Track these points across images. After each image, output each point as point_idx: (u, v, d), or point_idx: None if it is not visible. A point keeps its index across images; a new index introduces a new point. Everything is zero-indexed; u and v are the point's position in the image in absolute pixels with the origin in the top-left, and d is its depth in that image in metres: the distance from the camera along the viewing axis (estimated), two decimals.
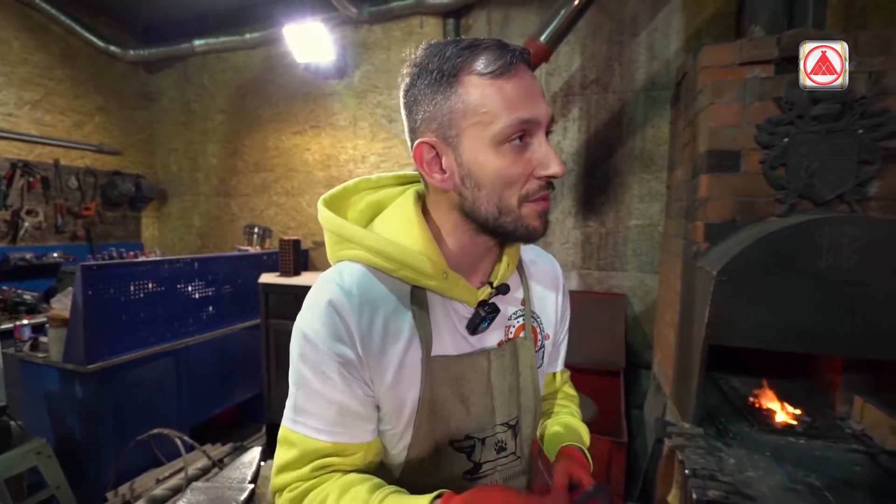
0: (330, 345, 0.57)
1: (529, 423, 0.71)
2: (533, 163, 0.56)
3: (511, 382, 0.68)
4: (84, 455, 2.12)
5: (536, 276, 0.76)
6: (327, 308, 0.57)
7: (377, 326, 0.59)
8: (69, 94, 3.56)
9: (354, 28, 3.30)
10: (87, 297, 2.05)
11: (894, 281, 1.25)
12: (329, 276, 0.61)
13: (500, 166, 0.55)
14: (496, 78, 0.54)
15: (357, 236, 0.61)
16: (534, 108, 0.54)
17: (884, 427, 1.42)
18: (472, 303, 0.64)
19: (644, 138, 2.67)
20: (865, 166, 1.43)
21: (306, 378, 0.58)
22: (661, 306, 2.43)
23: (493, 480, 0.67)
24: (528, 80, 0.55)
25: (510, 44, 0.56)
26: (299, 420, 0.59)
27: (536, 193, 0.57)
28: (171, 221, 4.30)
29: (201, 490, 1.16)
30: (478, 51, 0.54)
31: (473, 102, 0.54)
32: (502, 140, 0.54)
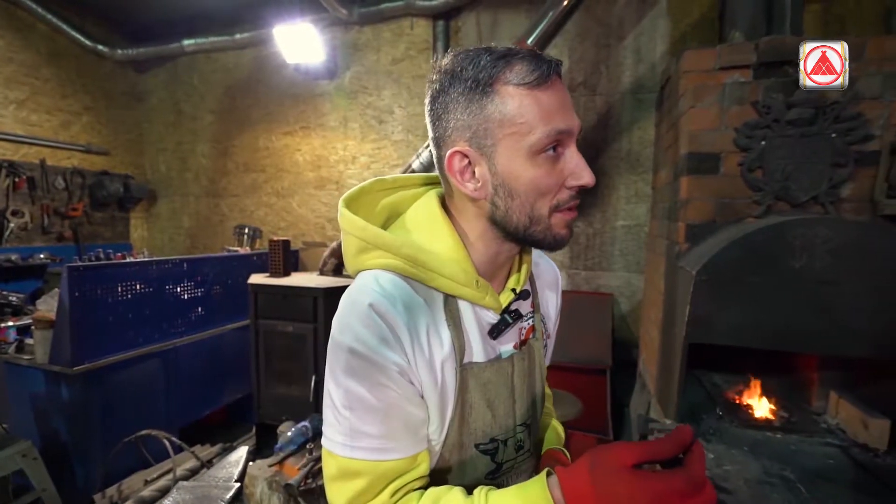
0: (381, 351, 0.53)
1: (538, 418, 0.74)
2: (565, 173, 0.56)
3: (529, 384, 0.70)
4: (71, 457, 2.11)
5: (541, 278, 0.77)
6: (370, 313, 0.54)
7: (423, 336, 0.56)
8: (56, 94, 3.53)
9: (344, 29, 3.31)
10: (74, 298, 2.04)
11: (864, 280, 1.29)
12: (365, 284, 0.57)
13: (535, 176, 0.55)
14: (533, 88, 0.53)
15: (392, 244, 0.58)
16: (569, 120, 0.55)
17: (856, 421, 1.46)
18: (498, 309, 0.64)
19: (631, 140, 2.72)
20: (838, 169, 1.47)
21: (359, 396, 0.53)
22: (647, 305, 2.47)
23: (510, 477, 0.68)
24: (562, 91, 0.56)
25: (545, 55, 0.55)
26: (359, 445, 0.54)
27: (567, 203, 0.57)
28: (161, 222, 4.27)
29: (187, 489, 1.17)
30: (514, 60, 0.54)
31: (511, 112, 0.53)
32: (538, 150, 0.54)
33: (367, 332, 0.53)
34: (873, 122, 1.44)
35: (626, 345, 2.75)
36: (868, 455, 1.38)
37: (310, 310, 2.47)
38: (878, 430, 1.39)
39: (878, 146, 1.44)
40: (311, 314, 2.47)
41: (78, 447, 2.12)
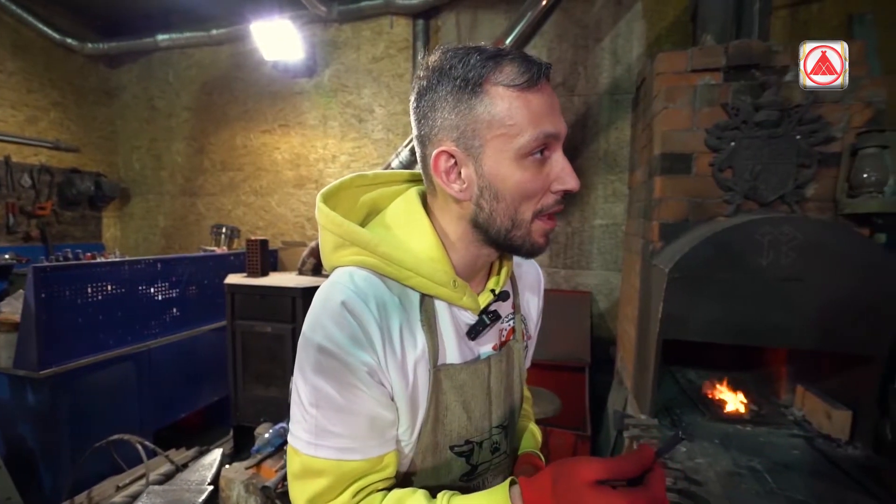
0: (351, 351, 0.52)
1: (516, 420, 0.73)
2: (551, 177, 0.55)
3: (507, 385, 0.69)
4: (38, 464, 2.04)
5: (523, 280, 0.77)
6: (342, 312, 0.53)
7: (395, 333, 0.56)
8: (21, 88, 3.40)
9: (324, 27, 3.27)
10: (40, 300, 1.97)
11: (827, 276, 1.34)
12: (338, 281, 0.57)
13: (521, 179, 0.54)
14: (523, 90, 0.52)
15: (368, 242, 0.57)
16: (557, 123, 0.54)
17: (821, 413, 1.52)
18: (476, 310, 0.63)
19: (608, 140, 2.76)
20: (803, 169, 1.53)
21: (327, 394, 0.53)
22: (624, 303, 2.51)
23: (485, 479, 0.68)
24: (551, 94, 0.55)
25: (534, 57, 0.54)
26: (324, 444, 0.54)
27: (551, 208, 0.57)
28: (135, 221, 4.16)
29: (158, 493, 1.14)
30: (504, 61, 0.53)
31: (500, 114, 0.53)
32: (526, 153, 0.53)
33: (338, 331, 0.53)
34: (834, 125, 1.50)
35: (605, 342, 2.79)
36: (831, 445, 1.43)
37: (288, 310, 2.44)
38: (840, 421, 1.45)
39: (839, 148, 1.49)
40: (289, 314, 2.44)
41: (45, 454, 2.05)
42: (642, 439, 1.48)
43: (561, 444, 2.22)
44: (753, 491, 1.22)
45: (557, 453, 2.24)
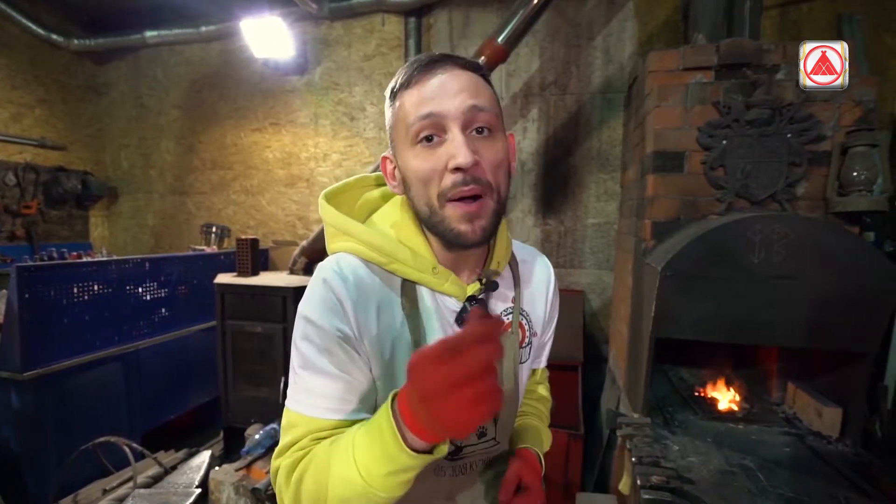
0: (329, 321, 0.58)
1: (510, 412, 0.74)
2: (445, 157, 0.57)
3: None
4: (22, 468, 2.00)
5: (528, 276, 0.78)
6: (323, 287, 0.60)
7: (371, 312, 0.61)
8: (5, 85, 3.33)
9: (315, 24, 3.24)
10: (24, 300, 1.93)
11: (817, 274, 1.35)
12: (325, 264, 0.64)
13: (415, 165, 0.59)
14: (414, 85, 0.58)
15: (354, 230, 0.64)
16: (441, 103, 0.56)
17: (811, 410, 1.53)
18: (462, 297, 0.66)
19: (600, 139, 2.76)
20: (794, 168, 1.53)
21: (309, 358, 0.59)
22: (616, 302, 2.52)
23: (471, 462, 0.70)
24: (448, 78, 0.57)
25: (440, 54, 0.60)
26: (302, 400, 0.59)
27: (452, 189, 0.57)
28: (123, 220, 4.10)
29: (144, 497, 1.12)
30: (406, 67, 0.60)
31: (400, 112, 0.60)
32: (415, 139, 0.58)
33: (319, 303, 0.60)
34: (825, 123, 1.50)
35: (597, 341, 2.80)
36: (822, 442, 1.44)
37: (279, 309, 2.42)
38: (831, 419, 1.46)
39: (829, 146, 1.50)
40: (280, 314, 2.42)
41: (29, 457, 2.01)
42: (634, 438, 1.48)
43: (554, 443, 2.21)
44: (745, 489, 1.22)
45: (551, 453, 2.23)
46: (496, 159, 0.59)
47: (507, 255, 0.73)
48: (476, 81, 0.59)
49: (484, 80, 0.61)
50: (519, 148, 2.90)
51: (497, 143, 0.60)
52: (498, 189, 0.60)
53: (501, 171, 0.60)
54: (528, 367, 0.79)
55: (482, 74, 0.61)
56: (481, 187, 0.57)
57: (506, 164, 0.61)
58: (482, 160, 0.57)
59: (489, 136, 0.59)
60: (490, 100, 0.60)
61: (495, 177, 0.59)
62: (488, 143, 0.58)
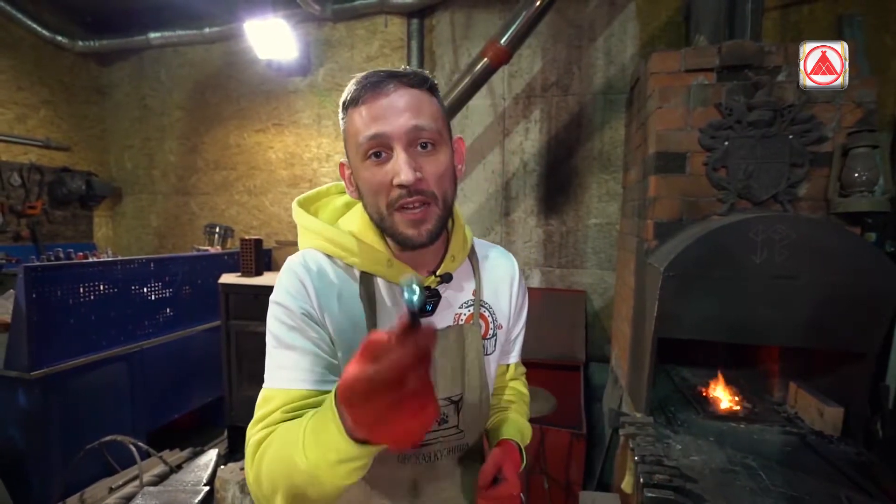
0: (296, 302, 0.65)
1: (475, 401, 0.76)
2: (391, 174, 0.62)
3: (455, 362, 0.74)
4: (28, 467, 2.01)
5: (490, 270, 0.82)
6: (290, 274, 0.68)
7: (332, 298, 0.67)
8: (10, 86, 3.35)
9: (318, 25, 3.26)
10: (31, 300, 1.95)
11: (818, 274, 1.36)
12: (293, 258, 0.71)
13: (366, 177, 0.64)
14: (361, 104, 0.63)
15: (318, 229, 0.72)
16: (384, 125, 0.61)
17: (813, 410, 1.53)
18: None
19: (602, 140, 2.77)
20: (796, 169, 1.54)
21: (279, 337, 0.65)
22: (618, 302, 2.53)
23: (435, 450, 0.73)
24: (393, 99, 0.62)
25: (388, 71, 0.64)
26: (276, 376, 0.64)
27: (398, 201, 0.62)
28: (127, 221, 4.12)
29: (153, 495, 1.13)
30: (352, 85, 0.65)
31: (350, 127, 0.65)
32: (364, 156, 0.63)
33: (285, 288, 0.67)
34: (826, 125, 1.51)
35: (599, 341, 2.81)
36: (823, 442, 1.45)
37: None
38: (833, 418, 1.46)
39: (830, 147, 1.51)
40: None
41: (36, 456, 2.02)
42: (637, 437, 1.49)
43: (557, 442, 2.23)
44: (748, 488, 1.23)
45: (554, 452, 2.25)
46: (438, 171, 0.64)
47: (465, 251, 0.78)
48: (420, 99, 0.63)
49: (430, 93, 0.66)
50: (521, 149, 2.92)
51: (440, 156, 0.65)
52: (443, 196, 0.65)
53: (445, 180, 0.66)
54: (495, 359, 0.81)
55: (429, 88, 0.66)
56: (425, 198, 0.63)
57: (449, 172, 0.67)
58: (425, 174, 0.63)
59: (432, 150, 0.64)
60: (433, 115, 0.64)
61: (439, 186, 0.64)
62: (431, 158, 0.64)
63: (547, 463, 2.21)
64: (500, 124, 2.95)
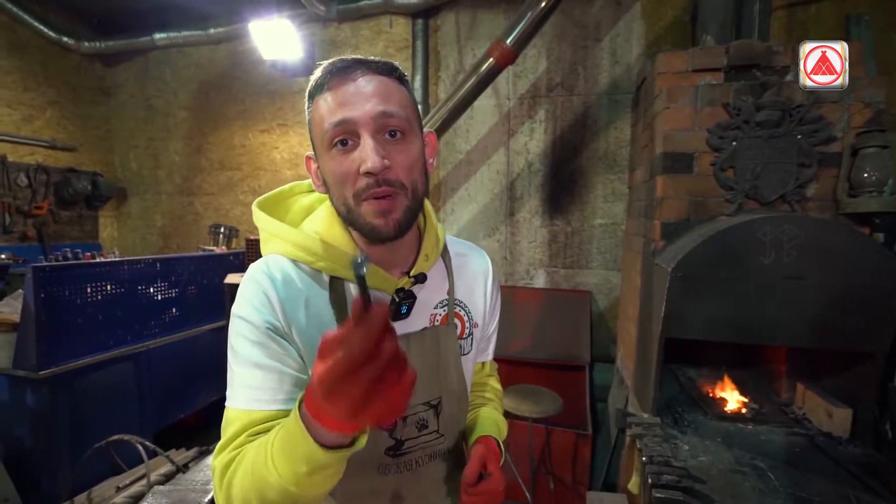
0: (259, 316, 0.61)
1: (454, 404, 0.74)
2: (358, 162, 0.59)
3: (432, 365, 0.72)
4: (37, 465, 2.03)
5: (464, 268, 0.80)
6: (253, 286, 0.63)
7: (299, 307, 0.63)
8: (17, 87, 3.38)
9: (322, 26, 3.27)
10: (39, 299, 1.96)
11: (827, 274, 1.35)
12: (255, 265, 0.67)
13: (332, 167, 0.61)
14: (326, 91, 0.60)
15: (282, 232, 0.67)
16: (350, 111, 0.58)
17: (821, 411, 1.53)
18: (389, 291, 0.67)
19: (607, 140, 2.77)
20: (804, 169, 1.54)
21: (242, 354, 0.61)
22: (624, 302, 2.52)
23: (416, 457, 0.71)
24: (360, 84, 0.59)
25: (355, 57, 0.61)
26: (238, 396, 0.60)
27: (366, 191, 0.59)
28: (132, 221, 4.14)
29: (163, 494, 1.14)
30: (322, 70, 0.61)
31: (315, 115, 0.61)
32: (329, 144, 0.60)
33: (249, 300, 0.62)
34: (835, 125, 1.51)
35: (604, 341, 2.80)
36: (832, 443, 1.44)
37: None
38: (841, 419, 1.46)
39: (839, 147, 1.50)
40: None
41: (44, 455, 2.04)
42: (645, 437, 1.49)
43: (562, 443, 2.23)
44: (756, 488, 1.23)
45: (559, 452, 2.25)
46: (408, 161, 0.61)
47: (438, 249, 0.74)
48: (388, 86, 0.61)
49: (399, 82, 0.63)
50: (526, 149, 2.92)
51: (409, 145, 0.62)
52: (413, 187, 0.62)
53: (415, 171, 0.62)
54: (472, 359, 0.80)
55: (398, 77, 0.63)
56: (393, 188, 0.60)
57: (420, 164, 0.64)
58: (393, 162, 0.59)
59: (401, 138, 0.61)
60: (402, 103, 0.61)
61: (408, 176, 0.61)
62: (400, 147, 0.61)
63: (552, 463, 2.21)
64: (505, 124, 2.95)
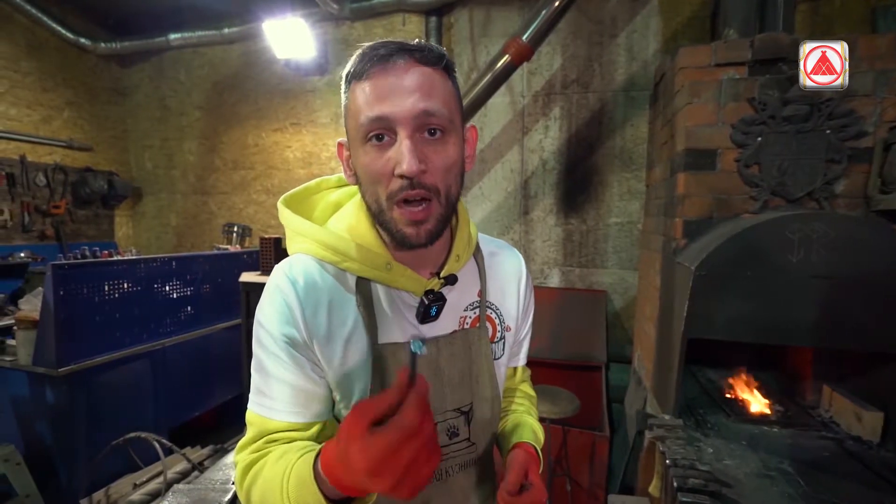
0: (278, 327, 0.60)
1: (486, 411, 0.71)
2: (393, 161, 0.55)
3: (463, 370, 0.69)
4: (56, 461, 2.05)
5: (496, 269, 0.76)
6: (275, 293, 0.61)
7: (321, 313, 0.61)
8: (36, 88, 3.42)
9: (335, 25, 3.27)
10: (59, 297, 1.98)
11: (857, 274, 1.31)
12: (279, 267, 0.64)
13: (365, 162, 0.58)
14: (365, 79, 0.56)
15: (307, 231, 0.65)
16: (389, 106, 0.54)
17: (850, 414, 1.48)
18: (419, 292, 0.65)
19: (623, 137, 2.73)
20: (833, 165, 1.49)
21: (262, 362, 0.61)
22: (641, 302, 2.48)
23: (446, 467, 0.68)
24: (402, 76, 0.55)
25: (399, 43, 0.56)
26: (256, 401, 0.62)
27: (398, 194, 0.56)
28: (147, 220, 4.18)
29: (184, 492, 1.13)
30: (357, 56, 0.58)
31: (352, 104, 0.58)
32: (364, 138, 0.57)
33: (270, 309, 0.61)
34: (866, 119, 1.46)
35: (620, 342, 2.76)
36: (862, 447, 1.40)
37: None
38: (872, 423, 1.41)
39: (871, 142, 1.46)
40: None
41: (63, 451, 2.06)
42: (667, 440, 1.46)
43: (579, 443, 2.20)
44: (786, 493, 1.19)
45: (576, 453, 2.22)
46: (445, 164, 0.58)
47: (470, 249, 0.71)
48: (432, 79, 0.56)
49: (445, 72, 0.59)
50: (541, 147, 2.89)
51: (448, 146, 0.58)
52: (447, 191, 0.59)
53: (451, 174, 0.59)
54: (504, 363, 0.76)
55: (444, 66, 0.58)
56: (427, 192, 0.57)
57: (457, 166, 0.60)
58: (430, 165, 0.56)
59: (440, 138, 0.57)
60: (445, 99, 0.57)
61: (444, 180, 0.58)
62: (438, 147, 0.57)
63: (569, 464, 2.19)
64: (520, 122, 2.92)
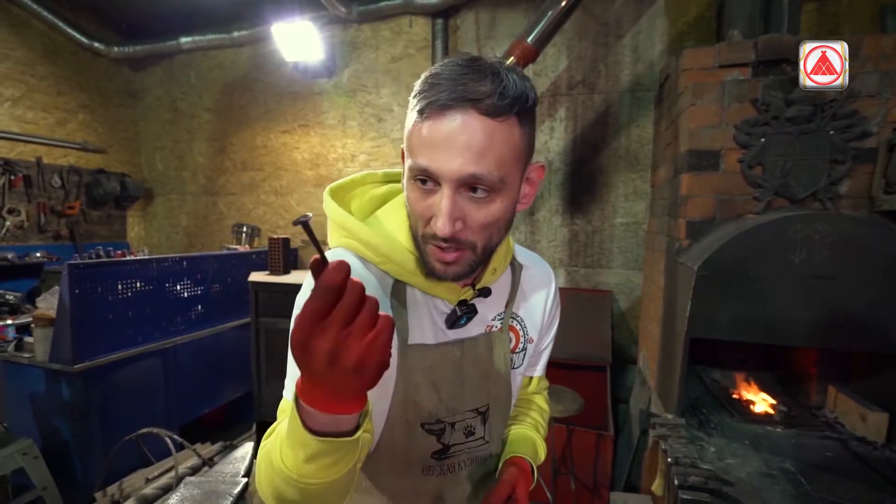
0: None
1: (500, 412, 0.74)
2: (433, 209, 0.55)
3: (483, 372, 0.71)
4: (71, 455, 2.10)
5: (527, 282, 0.77)
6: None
7: None
8: (52, 91, 3.50)
9: (343, 27, 3.30)
10: (74, 296, 2.03)
11: (860, 274, 1.31)
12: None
13: (410, 196, 0.59)
14: (425, 119, 0.54)
15: (352, 227, 0.64)
16: (437, 162, 0.53)
17: (854, 415, 1.48)
18: (453, 301, 0.67)
19: (629, 138, 2.73)
20: (837, 166, 1.49)
21: None
22: (646, 302, 2.49)
23: (461, 461, 0.71)
24: (454, 128, 0.52)
25: (466, 86, 0.52)
26: (289, 386, 0.60)
27: (431, 240, 0.57)
28: (158, 221, 4.25)
29: (195, 485, 1.17)
30: (421, 85, 0.55)
31: (411, 130, 0.56)
32: (411, 176, 0.57)
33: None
34: (870, 119, 1.46)
35: (625, 342, 2.77)
36: (867, 448, 1.40)
37: None
38: (876, 424, 1.41)
39: (875, 143, 1.46)
40: None
41: (79, 445, 2.11)
42: (669, 439, 1.47)
43: (584, 443, 2.21)
44: (787, 493, 1.20)
45: (580, 453, 2.23)
46: (486, 221, 0.56)
47: (506, 263, 0.72)
48: (491, 136, 0.52)
49: (516, 120, 0.54)
50: (546, 148, 2.90)
51: (493, 204, 0.56)
52: (486, 244, 0.58)
53: (492, 228, 0.58)
54: (521, 373, 0.79)
55: (516, 113, 0.53)
56: (460, 247, 0.57)
57: (503, 220, 0.58)
58: (469, 222, 0.55)
59: (486, 197, 0.55)
60: (501, 158, 0.53)
61: (482, 236, 0.57)
62: (482, 206, 0.55)
63: (573, 463, 2.20)
64: None
